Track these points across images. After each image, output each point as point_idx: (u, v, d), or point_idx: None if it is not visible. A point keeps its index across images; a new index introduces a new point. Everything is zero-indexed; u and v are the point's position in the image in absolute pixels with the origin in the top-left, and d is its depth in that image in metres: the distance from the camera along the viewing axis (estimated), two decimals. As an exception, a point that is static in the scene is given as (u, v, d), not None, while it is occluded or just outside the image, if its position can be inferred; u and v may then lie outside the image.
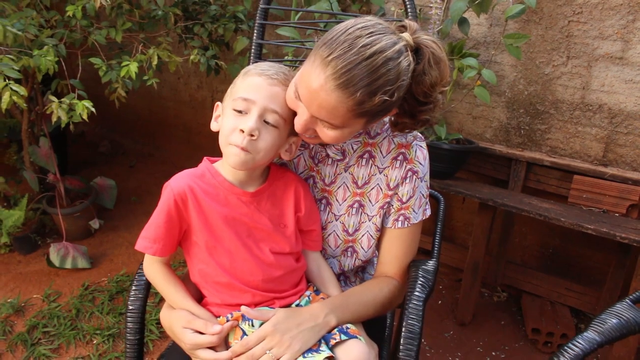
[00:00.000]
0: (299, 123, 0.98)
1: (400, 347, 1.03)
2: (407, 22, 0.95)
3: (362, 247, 1.19)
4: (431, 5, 2.05)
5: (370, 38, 0.87)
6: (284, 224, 1.09)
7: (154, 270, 1.08)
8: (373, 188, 1.15)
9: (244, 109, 0.98)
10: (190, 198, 1.02)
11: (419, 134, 1.15)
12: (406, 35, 0.92)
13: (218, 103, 1.07)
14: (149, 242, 1.03)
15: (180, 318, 1.03)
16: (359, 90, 0.87)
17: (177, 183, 1.03)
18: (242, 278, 1.04)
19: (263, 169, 1.09)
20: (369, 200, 1.16)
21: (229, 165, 1.02)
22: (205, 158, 1.11)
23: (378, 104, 0.89)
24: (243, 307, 1.01)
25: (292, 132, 1.03)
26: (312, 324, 1.00)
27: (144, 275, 1.15)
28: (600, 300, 2.17)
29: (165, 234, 1.03)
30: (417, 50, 0.93)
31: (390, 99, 0.90)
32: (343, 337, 1.01)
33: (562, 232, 2.34)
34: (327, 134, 0.96)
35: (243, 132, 0.96)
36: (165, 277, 1.07)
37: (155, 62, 2.19)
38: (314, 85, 0.89)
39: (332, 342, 1.01)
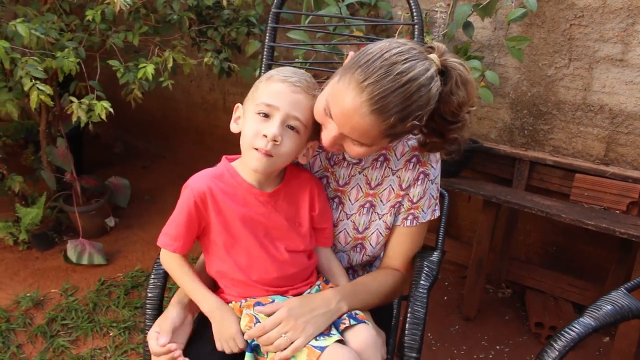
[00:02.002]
0: (327, 138, 1.01)
1: (406, 331, 1.09)
2: (435, 43, 1.00)
3: (370, 244, 1.24)
4: (436, 9, 2.11)
5: (406, 65, 0.90)
6: (299, 222, 1.13)
7: (171, 260, 1.13)
8: (385, 189, 1.20)
9: (267, 114, 1.01)
10: (209, 199, 1.06)
11: None
12: (434, 57, 0.96)
13: (238, 105, 1.10)
14: (170, 239, 1.08)
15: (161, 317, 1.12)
16: (393, 116, 0.91)
17: (197, 184, 1.06)
18: (257, 276, 1.09)
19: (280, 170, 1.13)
20: (380, 201, 1.20)
21: (250, 168, 1.05)
22: (224, 157, 1.15)
23: (408, 128, 0.95)
24: (257, 308, 1.06)
25: (311, 137, 1.07)
26: (325, 309, 1.05)
27: (162, 265, 1.20)
28: (602, 295, 2.21)
29: (186, 232, 1.08)
30: (443, 71, 0.97)
31: (420, 122, 0.95)
32: (352, 322, 1.06)
33: (565, 229, 2.39)
34: (354, 150, 1.01)
35: (266, 137, 0.99)
36: (181, 267, 1.13)
37: (170, 64, 2.26)
38: (348, 107, 0.92)
39: (342, 326, 1.06)
